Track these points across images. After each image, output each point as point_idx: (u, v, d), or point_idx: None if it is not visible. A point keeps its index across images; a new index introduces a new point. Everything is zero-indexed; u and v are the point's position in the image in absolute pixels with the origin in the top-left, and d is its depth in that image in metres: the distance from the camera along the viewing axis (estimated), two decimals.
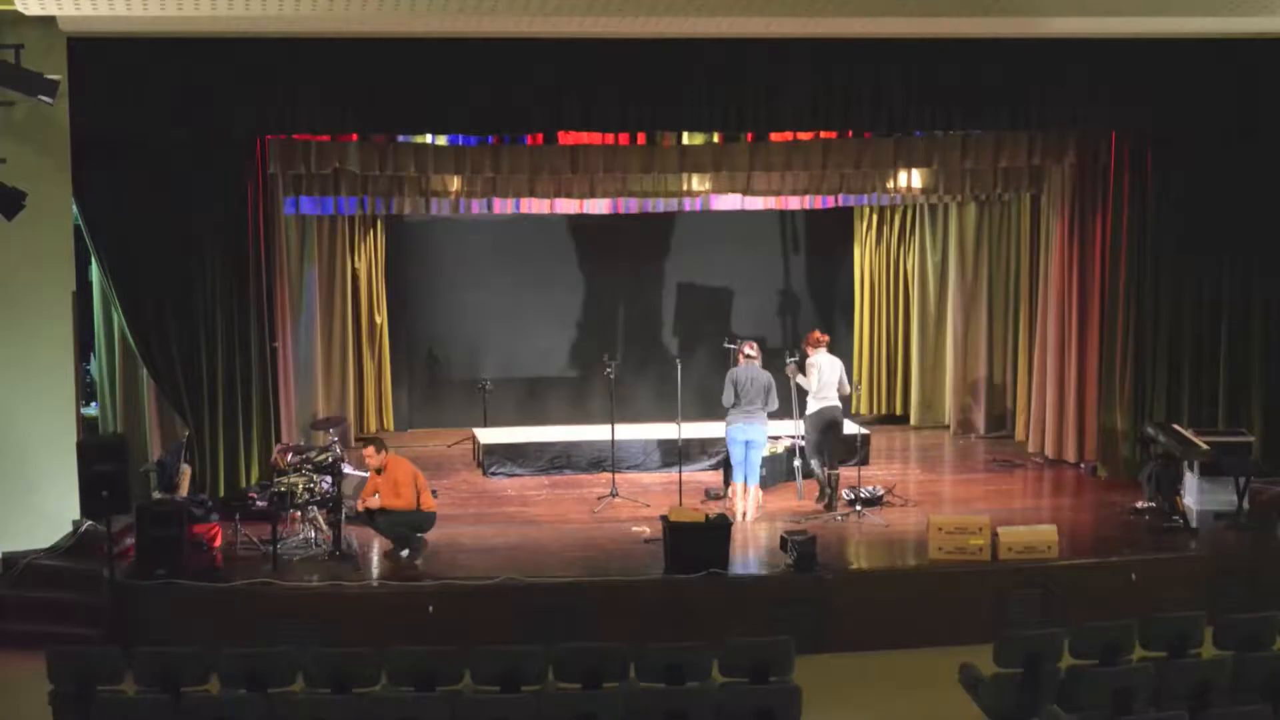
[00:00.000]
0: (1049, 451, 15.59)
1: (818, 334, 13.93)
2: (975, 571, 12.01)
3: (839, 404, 13.72)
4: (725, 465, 14.07)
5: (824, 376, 13.52)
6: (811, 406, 13.59)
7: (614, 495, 13.96)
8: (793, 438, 14.75)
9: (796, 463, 14.02)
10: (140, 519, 11.68)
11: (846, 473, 14.27)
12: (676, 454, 14.77)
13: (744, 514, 13.18)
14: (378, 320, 16.73)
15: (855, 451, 14.79)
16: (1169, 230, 14.40)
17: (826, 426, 13.61)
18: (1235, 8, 12.48)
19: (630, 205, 16.12)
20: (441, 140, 14.28)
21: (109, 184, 12.90)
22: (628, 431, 15.26)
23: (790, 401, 13.76)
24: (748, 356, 13.36)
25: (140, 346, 13.20)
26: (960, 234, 17.12)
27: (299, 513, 12.40)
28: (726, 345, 14.15)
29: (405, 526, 12.18)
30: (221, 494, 13.34)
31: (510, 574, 11.71)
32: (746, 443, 13.21)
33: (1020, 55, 13.53)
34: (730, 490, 13.49)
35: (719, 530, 11.90)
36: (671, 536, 11.85)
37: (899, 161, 14.99)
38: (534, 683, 8.82)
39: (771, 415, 13.42)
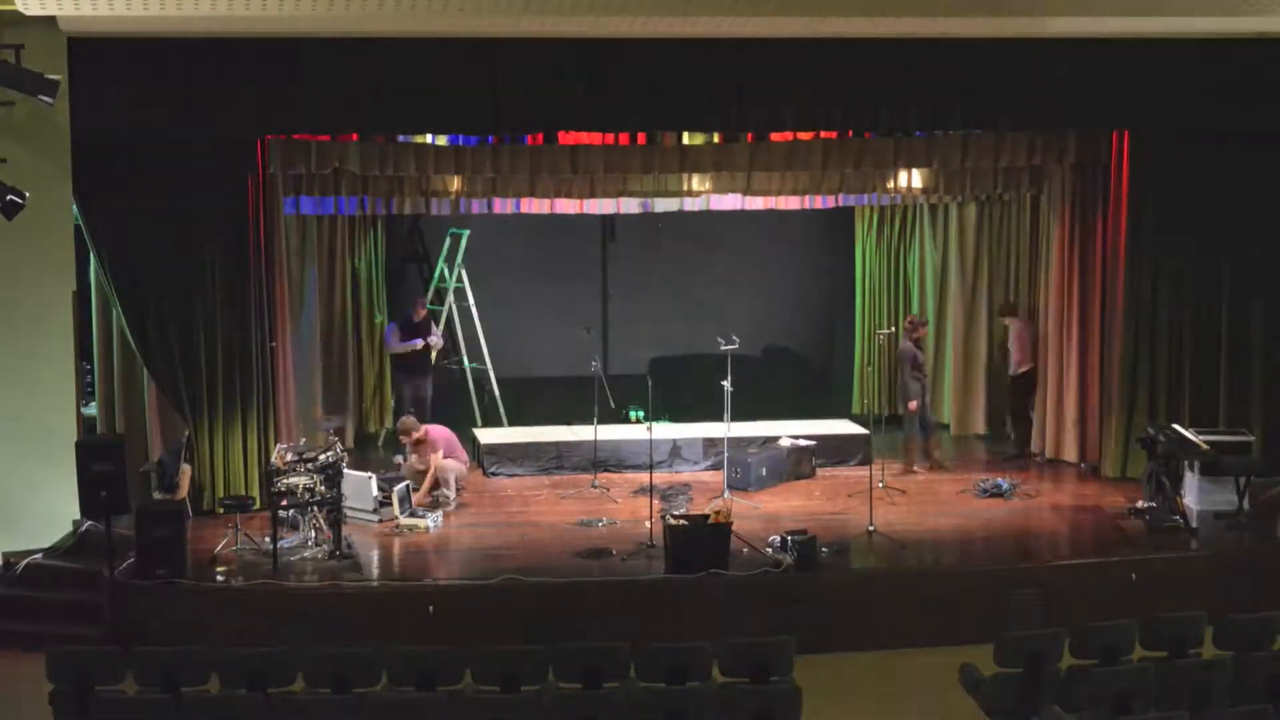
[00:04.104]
0: (1049, 451, 15.59)
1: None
2: (975, 571, 12.03)
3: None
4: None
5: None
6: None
7: (594, 486, 14.38)
8: (794, 438, 14.87)
9: None
10: (140, 519, 11.67)
11: (846, 472, 14.34)
12: (670, 454, 15.09)
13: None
14: (378, 320, 16.73)
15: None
16: (1169, 230, 14.40)
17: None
18: (1235, 8, 12.49)
19: (630, 205, 16.12)
20: (441, 140, 14.28)
21: (109, 184, 12.89)
22: (631, 431, 15.26)
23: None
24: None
25: (140, 346, 13.19)
26: (960, 234, 17.11)
27: (299, 513, 12.40)
28: (723, 346, 14.16)
29: None
30: (220, 494, 13.35)
31: (510, 574, 11.71)
32: None
33: (1020, 55, 13.53)
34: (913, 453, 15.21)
35: (719, 530, 11.90)
36: (671, 537, 11.84)
37: (899, 161, 14.99)
38: (534, 683, 8.82)
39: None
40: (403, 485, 13.50)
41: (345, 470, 12.86)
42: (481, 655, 8.98)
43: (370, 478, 13.41)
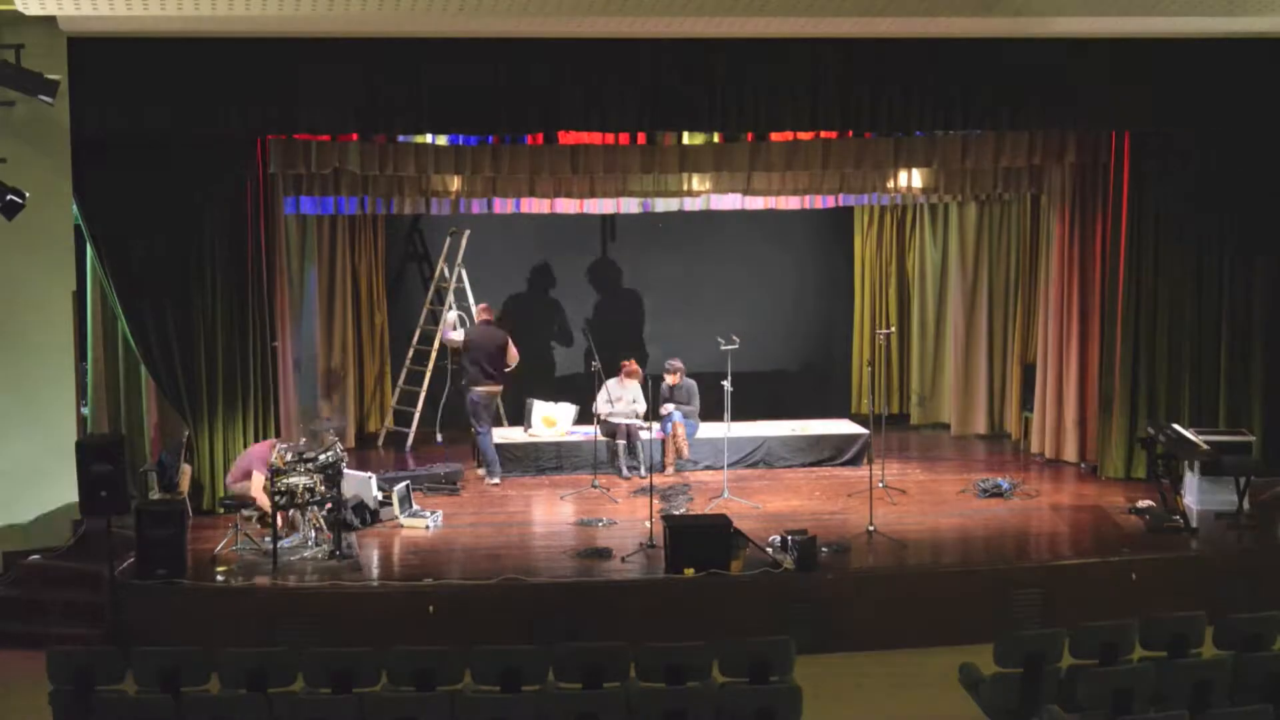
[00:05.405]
0: (1049, 452, 15.60)
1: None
2: (975, 571, 12.03)
3: None
4: None
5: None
6: None
7: (594, 486, 14.45)
8: None
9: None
10: (140, 519, 11.67)
11: (847, 472, 14.25)
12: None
13: None
14: (377, 320, 16.75)
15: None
16: (1169, 229, 14.41)
17: None
18: (1235, 7, 12.48)
19: (630, 205, 16.13)
20: (442, 140, 14.29)
21: (109, 184, 12.89)
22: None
23: None
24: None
25: (140, 346, 13.20)
26: (960, 234, 17.13)
27: (299, 513, 12.40)
28: (723, 346, 14.16)
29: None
30: (220, 494, 13.35)
31: (510, 574, 11.72)
32: None
33: (1020, 55, 13.52)
34: None
35: (719, 530, 11.90)
36: (671, 537, 11.85)
37: (899, 161, 14.98)
38: (534, 683, 8.82)
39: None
40: (403, 485, 13.50)
41: (345, 470, 12.86)
42: (481, 655, 8.98)
43: (370, 477, 13.42)
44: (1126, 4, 12.54)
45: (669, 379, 15.19)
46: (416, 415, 16.34)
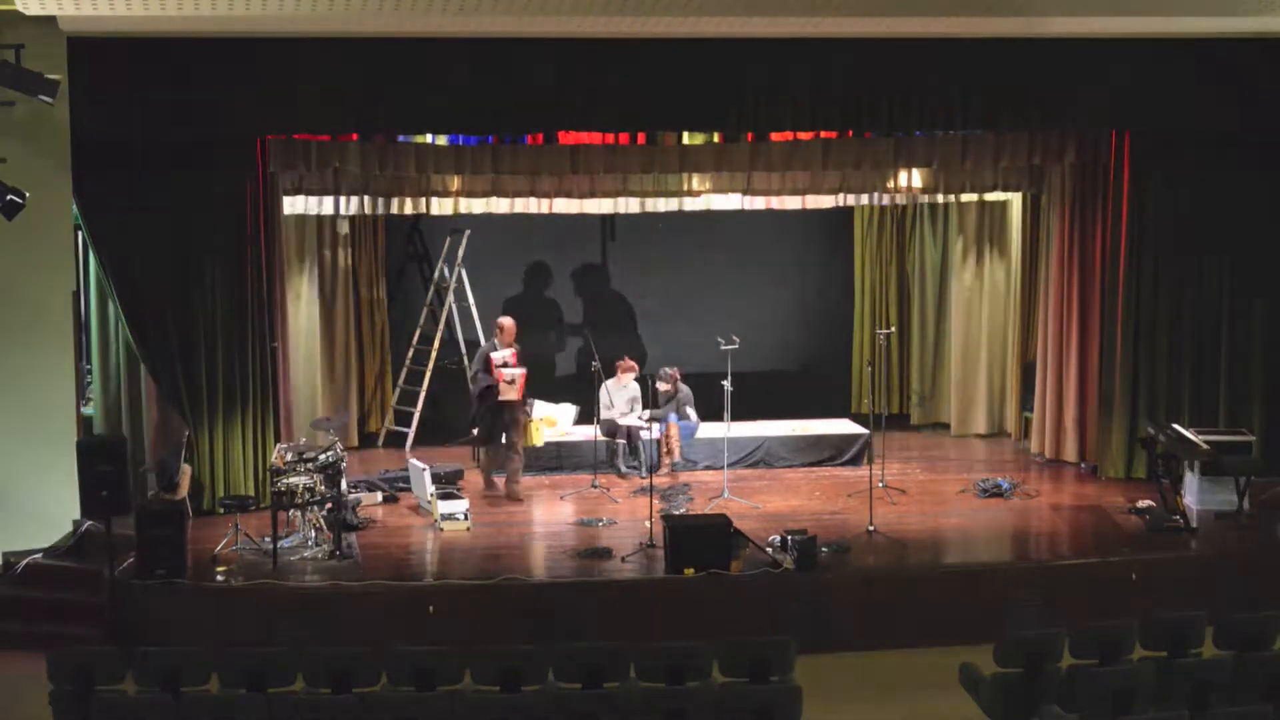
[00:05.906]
0: (1049, 452, 15.59)
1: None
2: (975, 571, 12.03)
3: None
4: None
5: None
6: None
7: (594, 486, 14.46)
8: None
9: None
10: (140, 519, 11.67)
11: (846, 472, 14.22)
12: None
13: None
14: (377, 320, 16.74)
15: None
16: (1169, 230, 14.41)
17: None
18: (1235, 7, 12.49)
19: (630, 205, 16.12)
20: (441, 140, 14.29)
21: (109, 184, 12.90)
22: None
23: None
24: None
25: (140, 346, 13.20)
26: (960, 234, 17.12)
27: (299, 513, 12.40)
28: (723, 346, 14.16)
29: None
30: (220, 494, 13.35)
31: (510, 574, 11.71)
32: None
33: (1020, 55, 13.53)
34: None
35: (719, 530, 11.91)
36: (671, 536, 11.85)
37: (899, 161, 14.99)
38: (534, 683, 8.82)
39: None
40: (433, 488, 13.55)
41: (410, 460, 12.80)
42: (481, 655, 8.97)
43: (425, 469, 13.49)
44: (1125, 4, 12.55)
45: (662, 386, 15.12)
46: (416, 415, 16.34)
